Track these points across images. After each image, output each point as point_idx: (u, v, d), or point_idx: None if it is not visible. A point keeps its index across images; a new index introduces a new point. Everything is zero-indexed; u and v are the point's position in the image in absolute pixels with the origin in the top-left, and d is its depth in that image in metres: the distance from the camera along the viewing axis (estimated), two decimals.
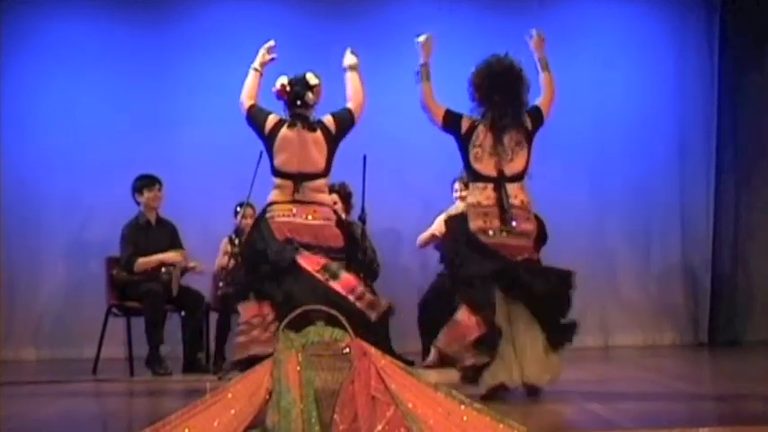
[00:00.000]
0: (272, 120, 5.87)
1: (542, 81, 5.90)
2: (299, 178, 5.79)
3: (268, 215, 5.80)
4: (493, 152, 5.70)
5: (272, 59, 6.05)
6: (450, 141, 6.00)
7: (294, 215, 5.75)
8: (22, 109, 9.13)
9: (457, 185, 7.97)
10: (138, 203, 7.86)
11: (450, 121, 5.87)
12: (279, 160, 5.82)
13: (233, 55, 8.93)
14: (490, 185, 5.69)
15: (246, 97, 5.95)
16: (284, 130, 5.83)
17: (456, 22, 9.20)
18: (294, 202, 5.77)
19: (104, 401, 6.47)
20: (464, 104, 5.94)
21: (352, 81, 6.08)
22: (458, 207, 7.81)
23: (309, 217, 5.77)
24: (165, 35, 9.22)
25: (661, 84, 9.52)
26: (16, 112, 9.12)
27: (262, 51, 6.04)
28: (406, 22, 9.21)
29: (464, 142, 5.79)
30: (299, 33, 8.91)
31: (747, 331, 9.24)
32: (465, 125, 5.81)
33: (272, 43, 6.07)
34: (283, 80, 5.92)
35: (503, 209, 5.62)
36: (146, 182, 7.84)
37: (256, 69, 6.01)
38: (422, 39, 6.03)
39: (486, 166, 5.72)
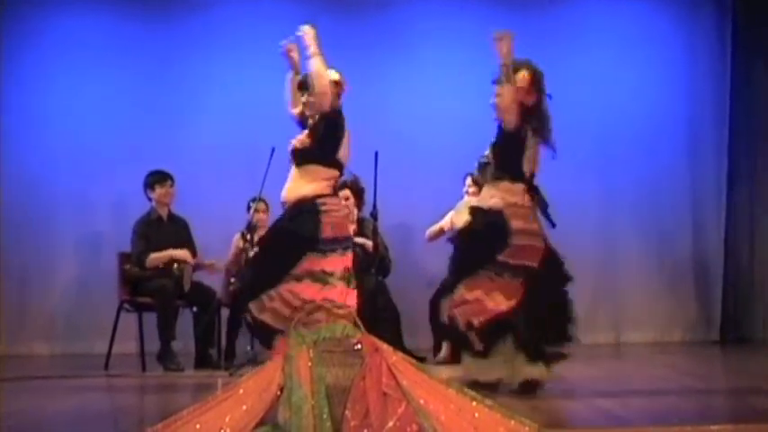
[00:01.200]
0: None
1: None
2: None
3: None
4: (532, 155, 5.82)
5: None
6: (459, 139, 6.00)
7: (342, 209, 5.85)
8: (30, 107, 9.14)
9: (468, 181, 7.96)
10: (149, 199, 7.87)
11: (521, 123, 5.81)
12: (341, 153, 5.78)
13: (242, 50, 9.00)
14: (524, 186, 5.79)
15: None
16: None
17: (466, 18, 9.18)
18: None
19: (116, 397, 6.48)
20: (473, 101, 5.95)
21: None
22: (467, 202, 7.82)
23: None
24: (173, 30, 9.22)
25: (672, 82, 9.49)
26: (25, 110, 9.13)
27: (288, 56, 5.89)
28: (416, 20, 9.23)
29: (510, 139, 5.77)
30: None
31: (759, 329, 9.21)
32: (511, 120, 5.77)
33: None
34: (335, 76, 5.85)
35: (542, 210, 5.83)
36: (157, 178, 7.84)
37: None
38: (498, 35, 5.72)
39: (528, 169, 5.83)
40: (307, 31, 5.66)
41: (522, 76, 5.77)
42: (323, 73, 5.57)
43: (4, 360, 8.40)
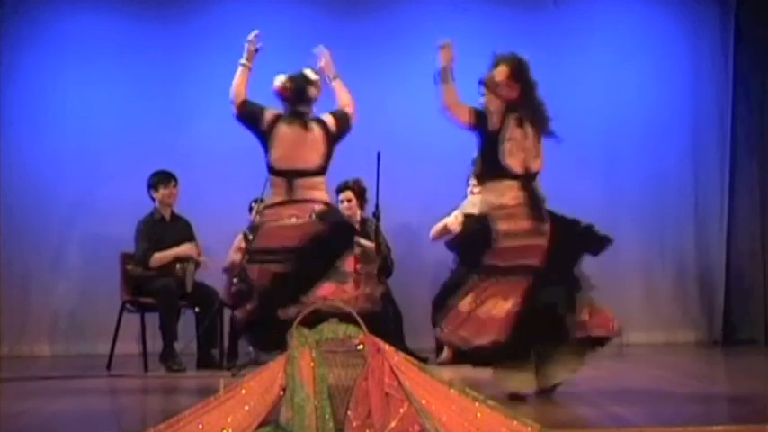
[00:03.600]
0: (269, 114, 5.87)
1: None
2: (291, 175, 5.78)
3: (261, 220, 5.91)
4: (522, 148, 5.54)
5: (257, 50, 6.01)
6: (462, 138, 5.96)
7: (283, 217, 5.77)
8: (32, 107, 9.16)
9: (473, 181, 7.93)
10: (153, 200, 7.87)
11: (479, 119, 5.59)
12: (273, 156, 5.82)
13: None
14: (516, 184, 5.53)
15: (236, 94, 5.98)
16: (282, 126, 5.83)
17: (470, 19, 9.18)
18: (288, 202, 5.79)
19: (118, 397, 6.48)
20: (476, 101, 5.92)
21: (340, 91, 6.09)
22: (471, 201, 7.80)
23: (294, 219, 5.76)
24: (179, 31, 9.24)
25: (675, 82, 9.49)
26: (27, 111, 9.16)
27: (246, 45, 6.01)
28: (420, 21, 9.23)
29: (493, 138, 5.53)
30: (314, 30, 8.90)
31: (762, 330, 9.21)
32: (495, 120, 5.56)
33: (255, 33, 6.02)
34: (282, 78, 5.91)
35: (534, 207, 5.51)
36: (161, 178, 7.85)
37: (244, 65, 6.01)
38: (443, 44, 5.74)
39: (515, 163, 5.54)
40: (324, 53, 5.92)
41: (501, 70, 5.61)
42: (351, 100, 6.03)
43: (6, 361, 8.41)
